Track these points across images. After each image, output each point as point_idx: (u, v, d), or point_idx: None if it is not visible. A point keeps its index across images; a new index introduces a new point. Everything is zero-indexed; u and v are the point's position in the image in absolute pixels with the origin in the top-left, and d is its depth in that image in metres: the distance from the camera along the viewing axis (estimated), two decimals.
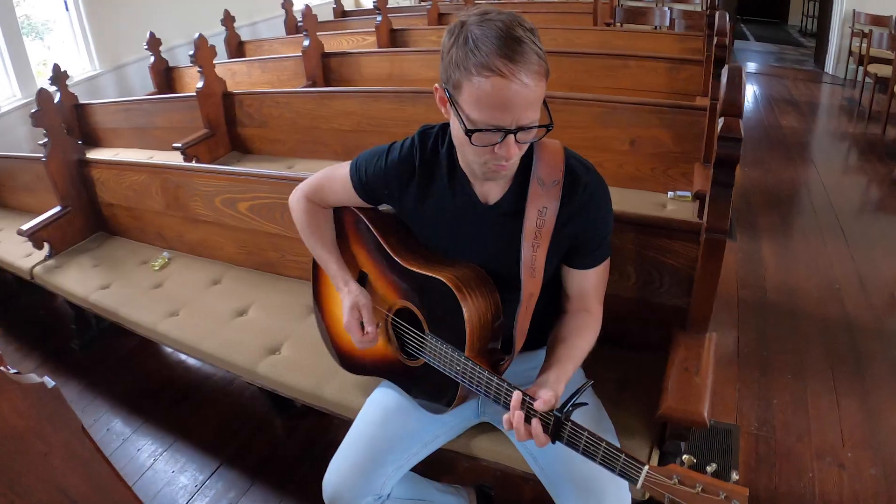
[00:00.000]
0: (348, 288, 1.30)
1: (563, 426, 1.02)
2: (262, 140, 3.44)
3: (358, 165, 1.28)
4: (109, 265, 2.41)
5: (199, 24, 5.22)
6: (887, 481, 1.89)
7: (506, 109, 0.97)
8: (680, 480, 0.95)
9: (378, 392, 1.38)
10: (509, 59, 0.94)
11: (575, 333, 1.19)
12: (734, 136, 1.19)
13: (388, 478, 1.25)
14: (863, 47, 5.49)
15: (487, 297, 1.17)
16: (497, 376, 1.10)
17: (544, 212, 1.13)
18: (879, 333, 2.57)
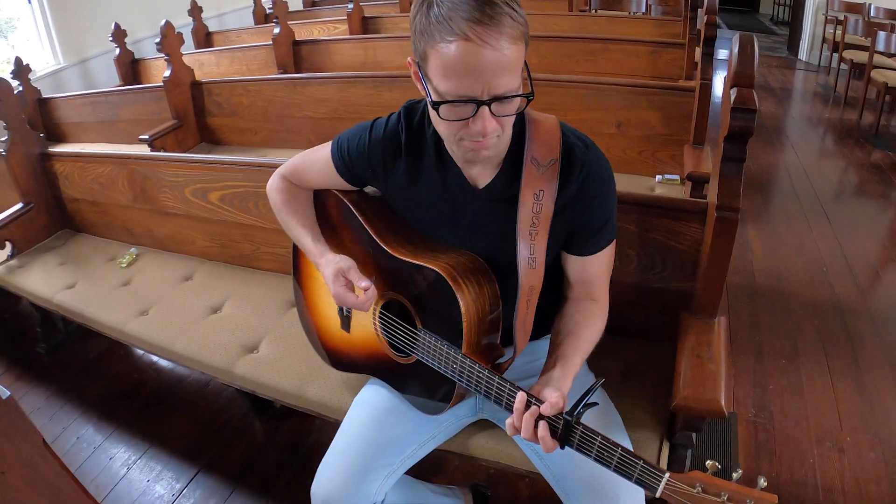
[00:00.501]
0: (325, 258, 1.16)
1: (573, 430, 0.92)
2: (232, 130, 3.30)
3: (340, 144, 1.17)
4: (75, 263, 2.26)
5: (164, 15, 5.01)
6: (888, 465, 1.86)
7: (474, 76, 0.86)
8: (704, 489, 0.87)
9: (367, 391, 1.28)
10: (475, 20, 0.83)
11: (581, 325, 1.09)
12: (749, 106, 1.10)
13: (382, 483, 1.15)
14: (837, 34, 5.53)
15: (484, 287, 1.07)
16: (498, 375, 1.00)
17: (541, 195, 1.02)
18: (869, 314, 2.55)
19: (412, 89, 3.12)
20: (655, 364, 1.49)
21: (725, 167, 1.22)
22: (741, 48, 1.13)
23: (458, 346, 1.05)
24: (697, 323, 1.35)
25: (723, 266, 1.28)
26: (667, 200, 1.41)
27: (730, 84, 1.15)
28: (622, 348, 1.52)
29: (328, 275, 1.14)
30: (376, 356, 1.23)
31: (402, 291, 1.14)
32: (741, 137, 1.17)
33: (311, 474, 1.83)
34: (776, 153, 4.30)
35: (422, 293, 1.10)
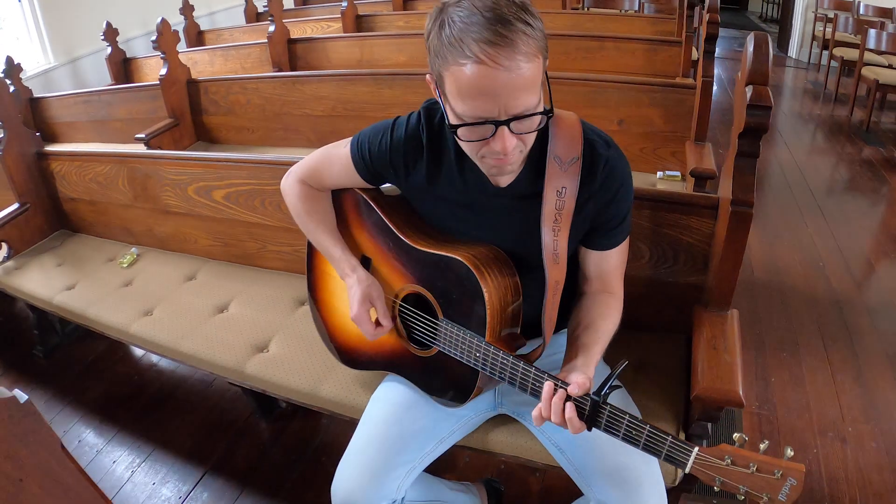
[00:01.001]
0: (357, 275, 1.17)
1: (600, 411, 0.93)
2: (228, 128, 3.27)
3: (360, 143, 1.16)
4: (74, 264, 2.23)
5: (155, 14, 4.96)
6: (889, 455, 1.89)
7: (489, 98, 0.85)
8: (732, 461, 0.88)
9: (384, 388, 1.28)
10: (487, 42, 0.82)
11: (599, 317, 1.11)
12: (764, 104, 1.12)
13: (403, 480, 1.15)
14: (827, 32, 5.59)
15: (507, 277, 1.07)
16: (523, 361, 1.01)
17: (563, 192, 1.03)
18: (866, 307, 2.59)
19: (412, 87, 3.09)
20: (667, 356, 1.51)
21: (740, 162, 1.23)
22: (756, 47, 1.14)
23: (482, 336, 1.05)
24: (711, 316, 1.36)
25: (737, 259, 1.29)
26: (679, 196, 1.42)
27: (744, 81, 1.16)
28: (634, 341, 1.53)
29: (356, 295, 1.16)
30: (395, 351, 1.23)
31: (423, 283, 1.14)
32: (756, 133, 1.18)
33: (319, 474, 1.87)
34: (769, 149, 4.34)
35: (444, 284, 1.10)
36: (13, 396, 0.87)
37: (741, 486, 0.88)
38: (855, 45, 5.12)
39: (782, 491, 0.87)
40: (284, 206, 1.83)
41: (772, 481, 0.86)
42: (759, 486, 0.87)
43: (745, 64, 1.18)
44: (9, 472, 0.88)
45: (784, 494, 0.87)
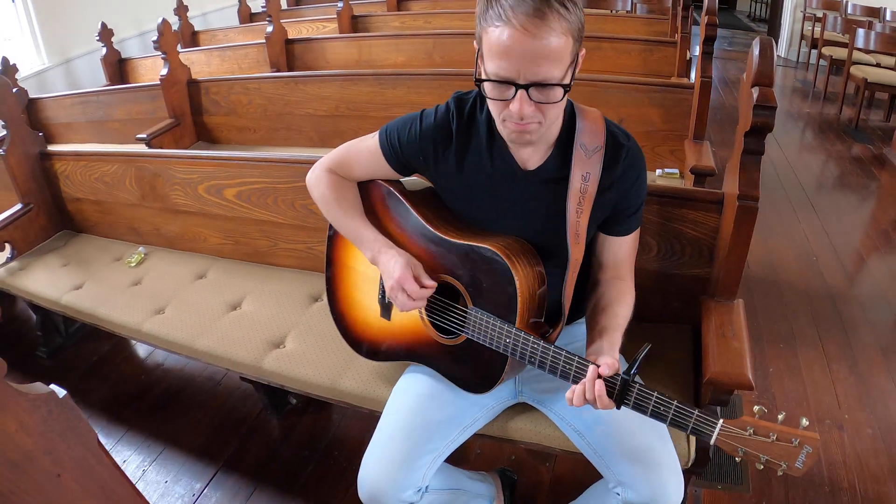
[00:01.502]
0: (395, 250, 1.20)
1: (629, 389, 0.99)
2: (229, 128, 3.29)
3: (389, 134, 1.20)
4: (80, 264, 2.24)
5: (148, 14, 4.98)
6: (885, 441, 1.95)
7: (512, 60, 0.93)
8: (754, 431, 0.94)
9: (407, 378, 1.31)
10: (523, 11, 0.90)
11: (615, 302, 1.17)
12: (770, 104, 1.18)
13: (427, 469, 1.19)
14: (816, 31, 5.69)
15: (534, 266, 1.13)
16: (553, 345, 1.06)
17: (587, 177, 1.09)
18: (858, 300, 2.66)
19: (415, 87, 3.12)
20: (674, 345, 1.56)
21: (746, 160, 1.29)
22: (761, 50, 1.20)
23: (512, 321, 1.10)
24: (719, 305, 1.41)
25: (743, 251, 1.34)
26: (686, 192, 1.47)
27: (750, 83, 1.22)
28: (641, 332, 1.56)
29: (400, 262, 1.16)
30: (420, 341, 1.26)
31: (452, 273, 1.18)
32: (761, 132, 1.24)
33: (332, 469, 1.89)
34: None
35: (474, 273, 1.14)
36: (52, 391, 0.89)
37: (762, 454, 0.94)
38: (843, 44, 5.22)
39: (799, 458, 0.93)
40: (298, 204, 1.89)
41: (790, 449, 0.92)
42: (778, 455, 0.93)
43: (750, 66, 1.24)
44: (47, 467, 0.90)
45: (801, 461, 0.93)
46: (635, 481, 1.11)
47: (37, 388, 0.83)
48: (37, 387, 0.84)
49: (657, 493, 1.10)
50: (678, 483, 1.12)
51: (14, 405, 0.79)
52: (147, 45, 4.94)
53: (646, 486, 1.10)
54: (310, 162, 1.80)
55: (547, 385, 1.28)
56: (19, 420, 0.81)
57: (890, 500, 1.75)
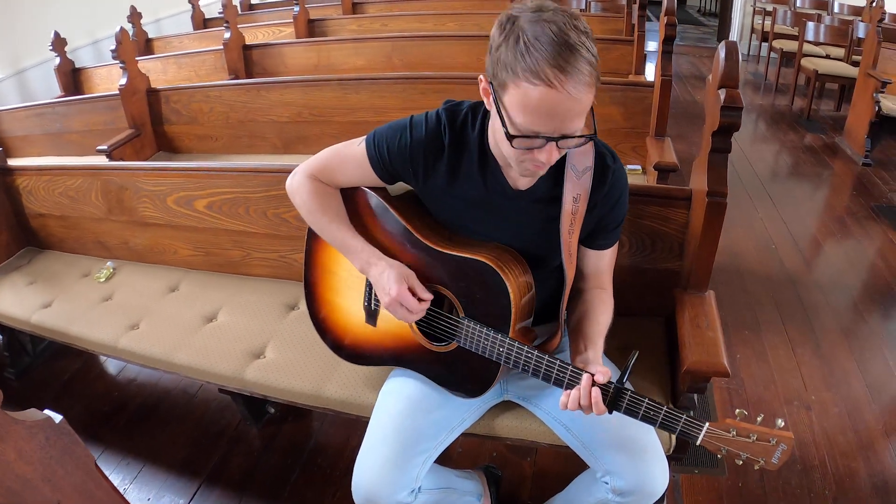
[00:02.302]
0: (386, 262, 1.20)
1: (622, 395, 1.04)
2: (191, 137, 3.23)
3: (377, 142, 1.19)
4: (47, 281, 2.17)
5: (101, 23, 4.84)
6: (850, 418, 2.05)
7: (551, 120, 0.93)
8: (737, 433, 0.99)
9: (394, 382, 1.32)
10: (561, 69, 0.88)
11: (598, 310, 1.22)
12: (737, 105, 1.24)
13: (420, 469, 1.20)
14: (766, 24, 5.89)
15: (524, 275, 1.16)
16: (548, 354, 1.09)
17: (578, 198, 1.13)
18: (818, 285, 2.78)
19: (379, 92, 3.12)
20: (649, 338, 1.62)
21: (714, 158, 1.34)
22: (727, 54, 1.26)
23: (505, 331, 1.12)
24: (691, 297, 1.46)
25: (714, 245, 1.40)
26: (656, 189, 1.52)
27: (717, 85, 1.27)
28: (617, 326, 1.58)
29: (392, 277, 1.16)
30: (408, 347, 1.28)
31: (444, 283, 1.19)
32: (728, 131, 1.29)
33: (317, 475, 1.89)
34: None
35: (467, 284, 1.16)
36: (48, 417, 0.88)
37: (743, 452, 1.01)
38: (793, 37, 5.41)
39: (775, 455, 1.00)
40: (271, 213, 1.87)
41: (768, 447, 0.99)
42: (757, 452, 1.00)
43: (716, 69, 1.29)
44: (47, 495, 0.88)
45: (776, 458, 1.01)
46: (623, 469, 1.15)
47: (33, 415, 0.82)
48: (33, 413, 0.82)
49: (644, 480, 1.15)
50: (663, 469, 1.17)
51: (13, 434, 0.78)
52: (101, 54, 4.81)
53: (633, 473, 1.15)
54: (283, 171, 1.81)
55: (531, 382, 1.31)
56: (18, 448, 0.79)
57: (859, 473, 1.84)
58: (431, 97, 2.80)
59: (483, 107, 1.14)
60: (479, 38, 3.77)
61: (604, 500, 1.22)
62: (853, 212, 3.39)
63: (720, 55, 1.28)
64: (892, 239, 3.11)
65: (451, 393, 1.26)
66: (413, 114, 1.18)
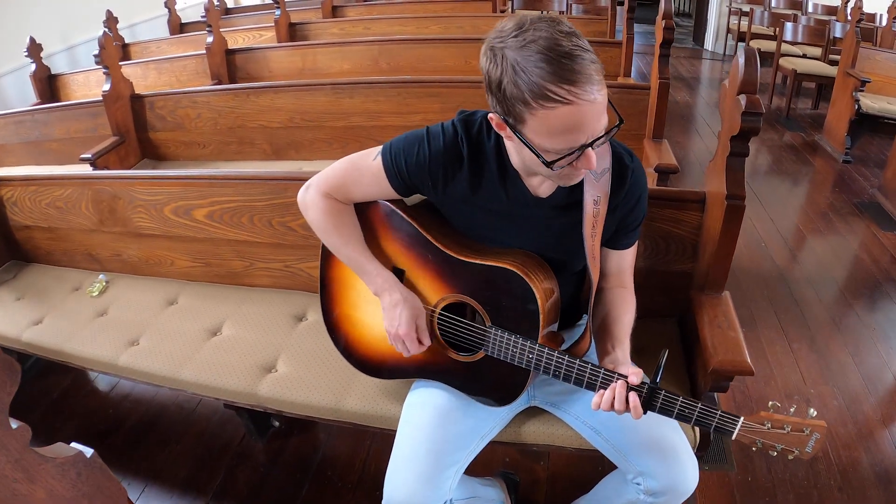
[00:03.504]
0: (400, 293, 1.18)
1: (656, 395, 1.03)
2: (177, 144, 3.16)
3: (394, 155, 1.16)
4: (36, 297, 2.09)
5: (75, 28, 4.71)
6: (849, 410, 2.09)
7: (580, 132, 0.92)
8: (772, 425, 1.01)
9: (419, 393, 1.30)
10: (569, 81, 0.87)
11: (623, 310, 1.21)
12: (757, 110, 1.25)
13: (452, 480, 1.19)
14: (742, 24, 6.00)
15: (547, 280, 1.15)
16: (579, 359, 1.09)
17: (598, 201, 1.12)
18: (808, 280, 2.83)
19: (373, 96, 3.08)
20: (663, 338, 1.63)
21: (732, 162, 1.35)
22: (747, 60, 1.27)
23: (535, 338, 1.11)
24: (710, 298, 1.48)
25: (731, 246, 1.41)
26: (670, 192, 1.53)
27: (736, 91, 1.29)
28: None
29: (404, 315, 1.18)
30: (433, 359, 1.26)
31: (468, 293, 1.17)
32: (748, 136, 1.30)
33: (328, 489, 1.87)
34: (700, 139, 4.64)
35: (493, 293, 1.14)
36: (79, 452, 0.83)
37: (778, 444, 1.02)
38: (769, 36, 5.52)
39: (809, 444, 1.01)
40: (276, 222, 1.84)
41: (802, 437, 1.01)
42: (791, 443, 1.02)
43: (735, 75, 1.31)
44: None
45: (810, 447, 1.02)
46: (656, 471, 1.16)
47: (63, 451, 0.78)
48: (62, 448, 0.78)
49: (677, 479, 1.15)
50: (694, 467, 1.18)
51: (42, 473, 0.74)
52: (75, 60, 4.68)
53: (666, 473, 1.15)
54: (288, 178, 1.78)
55: (559, 388, 1.30)
56: (48, 488, 0.75)
57: (861, 463, 1.88)
58: (426, 101, 2.78)
59: None
60: (465, 42, 3.77)
61: (635, 500, 1.22)
62: (837, 208, 3.47)
63: (739, 61, 1.29)
64: (875, 233, 3.19)
65: (478, 402, 1.24)
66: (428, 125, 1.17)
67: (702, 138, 4.65)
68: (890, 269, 2.89)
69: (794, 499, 1.78)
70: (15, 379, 0.71)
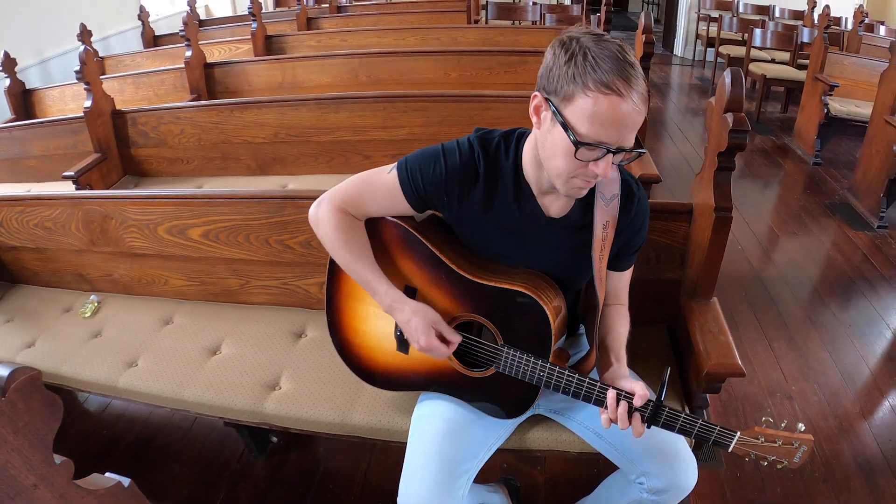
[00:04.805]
0: (410, 307, 1.21)
1: (660, 413, 1.10)
2: (160, 160, 3.14)
3: (410, 171, 1.19)
4: (26, 319, 2.07)
5: (47, 41, 4.64)
6: (830, 405, 2.19)
7: (616, 128, 0.98)
8: (765, 439, 1.08)
9: (427, 405, 1.34)
10: (626, 81, 0.95)
11: (618, 323, 1.29)
12: (744, 128, 1.33)
13: (464, 489, 1.23)
14: (711, 30, 6.17)
15: (555, 299, 1.21)
16: (588, 377, 1.14)
17: (608, 225, 1.18)
18: (785, 281, 2.94)
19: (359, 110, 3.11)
20: (654, 344, 1.70)
21: (720, 176, 1.43)
22: (733, 80, 1.34)
23: (546, 357, 1.17)
24: (699, 305, 1.55)
25: (719, 256, 1.49)
26: (659, 204, 1.59)
27: (723, 109, 1.36)
28: None
29: (419, 326, 1.19)
30: (442, 373, 1.29)
31: (481, 312, 1.22)
32: (734, 152, 1.38)
33: (331, 501, 1.87)
34: (674, 145, 4.77)
35: (506, 313, 1.19)
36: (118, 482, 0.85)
37: (769, 455, 1.10)
38: (737, 41, 5.69)
39: (797, 455, 1.10)
40: (273, 240, 1.86)
41: (791, 450, 1.09)
42: (781, 454, 1.10)
43: (721, 94, 1.38)
44: None
45: (798, 458, 1.10)
46: (659, 471, 1.22)
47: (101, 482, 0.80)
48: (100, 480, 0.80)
49: (678, 478, 1.22)
50: (694, 465, 1.25)
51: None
52: (48, 74, 4.60)
53: (668, 473, 1.22)
54: (286, 196, 1.80)
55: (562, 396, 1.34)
56: None
57: (844, 454, 1.98)
58: (411, 115, 2.82)
59: (515, 135, 1.18)
60: (445, 54, 3.80)
61: (638, 499, 1.29)
62: (809, 209, 3.61)
63: (726, 81, 1.36)
64: (847, 233, 3.33)
65: (489, 416, 1.29)
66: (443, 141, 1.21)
67: (675, 143, 4.78)
68: (862, 267, 3.02)
69: (781, 491, 1.86)
70: (58, 415, 0.73)
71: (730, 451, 1.09)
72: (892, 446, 2.01)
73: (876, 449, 2.00)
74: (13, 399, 0.69)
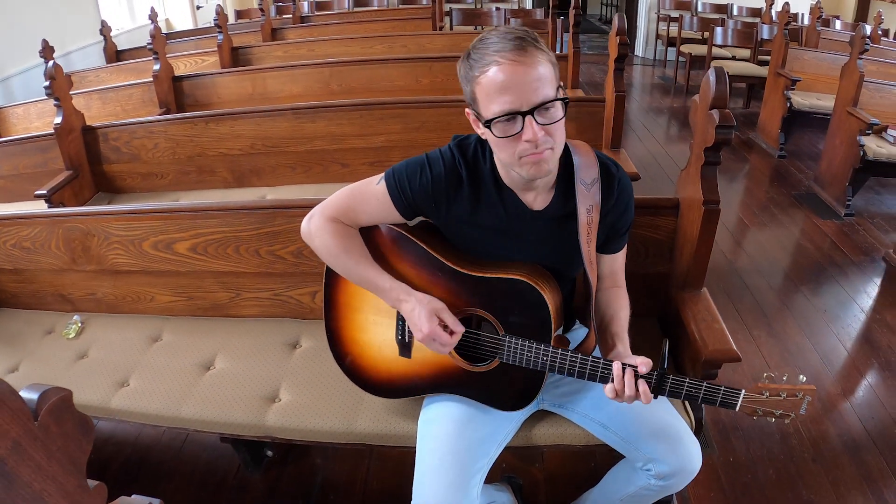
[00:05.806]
0: (415, 297, 1.22)
1: (665, 380, 1.13)
2: (133, 176, 3.08)
3: (398, 180, 1.22)
4: (7, 343, 2.00)
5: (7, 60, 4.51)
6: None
7: (511, 90, 1.02)
8: (770, 394, 1.12)
9: (434, 408, 1.34)
10: (505, 49, 1.01)
11: (619, 308, 1.32)
12: (730, 124, 1.38)
13: (478, 488, 1.24)
14: (671, 30, 6.33)
15: (552, 286, 1.24)
16: (591, 356, 1.17)
17: (591, 209, 1.21)
18: (759, 271, 3.04)
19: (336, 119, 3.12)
20: (646, 335, 1.74)
21: (706, 170, 1.48)
22: (717, 78, 1.39)
23: (547, 342, 1.20)
24: (690, 296, 1.59)
25: (709, 247, 1.54)
26: (645, 200, 1.64)
27: (708, 106, 1.41)
28: None
29: (423, 314, 1.19)
30: (447, 373, 1.30)
31: (480, 305, 1.24)
32: (720, 147, 1.43)
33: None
34: (641, 143, 4.87)
35: (505, 303, 1.22)
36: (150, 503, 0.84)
37: (776, 410, 1.14)
38: (698, 40, 5.85)
39: (802, 406, 1.15)
40: (264, 251, 1.84)
41: (796, 402, 1.14)
42: (788, 407, 1.14)
43: (706, 91, 1.43)
44: None
45: (804, 408, 1.15)
46: (665, 455, 1.25)
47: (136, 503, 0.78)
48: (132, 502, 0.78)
49: (684, 461, 1.25)
50: (698, 448, 1.29)
51: None
52: (9, 92, 4.48)
53: (674, 457, 1.25)
54: (275, 206, 1.80)
55: (565, 389, 1.39)
56: None
57: (829, 434, 2.06)
58: (388, 123, 2.83)
59: None
60: (415, 61, 3.83)
61: (646, 486, 1.31)
62: (777, 201, 3.73)
63: (710, 79, 1.41)
64: (815, 222, 3.46)
65: (497, 409, 1.30)
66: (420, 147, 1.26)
67: (641, 141, 4.89)
68: (832, 254, 3.14)
69: (773, 473, 1.92)
70: (89, 436, 0.72)
71: (737, 409, 1.13)
72: (875, 423, 2.09)
73: (860, 427, 2.08)
74: (46, 423, 0.67)
